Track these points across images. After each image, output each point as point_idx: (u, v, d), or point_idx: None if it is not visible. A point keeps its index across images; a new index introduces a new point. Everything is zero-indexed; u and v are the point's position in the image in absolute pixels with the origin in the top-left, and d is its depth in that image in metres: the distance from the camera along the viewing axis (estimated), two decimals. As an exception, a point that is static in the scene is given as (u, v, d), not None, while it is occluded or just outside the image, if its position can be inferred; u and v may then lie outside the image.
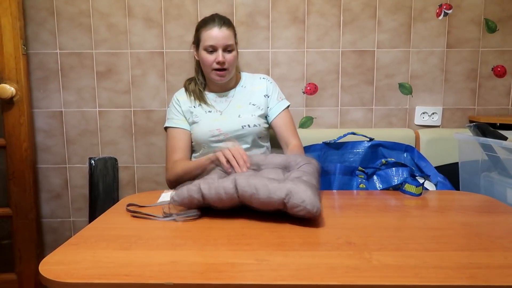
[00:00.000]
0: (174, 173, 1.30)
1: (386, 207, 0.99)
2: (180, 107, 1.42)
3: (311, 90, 1.73)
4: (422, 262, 0.66)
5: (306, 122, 1.76)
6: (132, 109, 1.74)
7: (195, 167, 1.22)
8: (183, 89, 1.46)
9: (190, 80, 1.46)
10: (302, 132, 1.55)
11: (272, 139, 1.54)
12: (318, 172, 1.05)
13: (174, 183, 1.29)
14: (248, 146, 1.40)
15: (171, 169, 1.32)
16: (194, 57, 1.42)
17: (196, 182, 0.92)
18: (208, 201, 0.89)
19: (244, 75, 1.49)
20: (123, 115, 1.75)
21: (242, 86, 1.46)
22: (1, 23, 1.53)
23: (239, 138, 1.38)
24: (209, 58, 1.32)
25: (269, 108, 1.44)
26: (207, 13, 1.65)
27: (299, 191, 0.83)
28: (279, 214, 0.88)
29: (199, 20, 1.67)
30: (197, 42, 1.37)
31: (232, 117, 1.38)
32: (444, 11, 1.68)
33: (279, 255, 0.69)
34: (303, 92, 1.74)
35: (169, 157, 1.37)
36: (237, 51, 1.39)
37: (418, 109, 1.74)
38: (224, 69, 1.33)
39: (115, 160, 1.76)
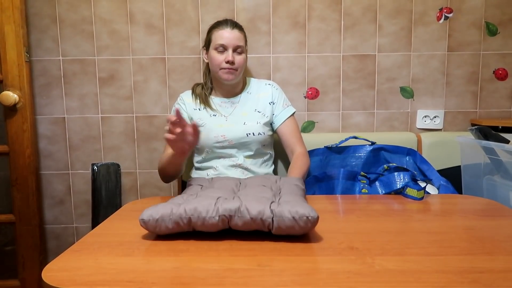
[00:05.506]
0: (158, 167, 1.31)
1: (388, 211, 0.99)
2: (185, 106, 1.43)
3: (313, 94, 1.74)
4: (424, 267, 0.66)
5: (308, 127, 1.76)
6: (134, 115, 1.75)
7: (167, 163, 1.22)
8: (189, 91, 1.48)
9: (198, 84, 1.48)
10: (304, 136, 1.55)
11: (276, 145, 1.54)
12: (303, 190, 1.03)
13: (161, 177, 1.31)
14: (251, 153, 1.40)
15: (159, 162, 1.32)
16: (204, 60, 1.44)
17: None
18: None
19: (250, 81, 1.50)
20: (125, 121, 1.75)
21: (248, 92, 1.46)
22: (5, 31, 1.54)
23: (243, 145, 1.38)
24: (219, 57, 1.34)
25: (274, 115, 1.45)
26: (208, 18, 1.67)
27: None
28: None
29: (200, 25, 1.69)
30: (207, 43, 1.39)
31: (237, 124, 1.39)
32: (444, 15, 1.68)
33: (281, 261, 0.70)
34: (305, 97, 1.74)
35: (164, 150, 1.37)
36: (247, 56, 1.41)
37: (420, 113, 1.74)
38: (232, 69, 1.35)
39: (118, 166, 1.77)
